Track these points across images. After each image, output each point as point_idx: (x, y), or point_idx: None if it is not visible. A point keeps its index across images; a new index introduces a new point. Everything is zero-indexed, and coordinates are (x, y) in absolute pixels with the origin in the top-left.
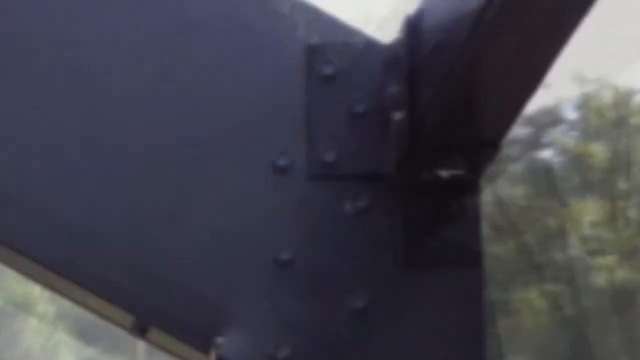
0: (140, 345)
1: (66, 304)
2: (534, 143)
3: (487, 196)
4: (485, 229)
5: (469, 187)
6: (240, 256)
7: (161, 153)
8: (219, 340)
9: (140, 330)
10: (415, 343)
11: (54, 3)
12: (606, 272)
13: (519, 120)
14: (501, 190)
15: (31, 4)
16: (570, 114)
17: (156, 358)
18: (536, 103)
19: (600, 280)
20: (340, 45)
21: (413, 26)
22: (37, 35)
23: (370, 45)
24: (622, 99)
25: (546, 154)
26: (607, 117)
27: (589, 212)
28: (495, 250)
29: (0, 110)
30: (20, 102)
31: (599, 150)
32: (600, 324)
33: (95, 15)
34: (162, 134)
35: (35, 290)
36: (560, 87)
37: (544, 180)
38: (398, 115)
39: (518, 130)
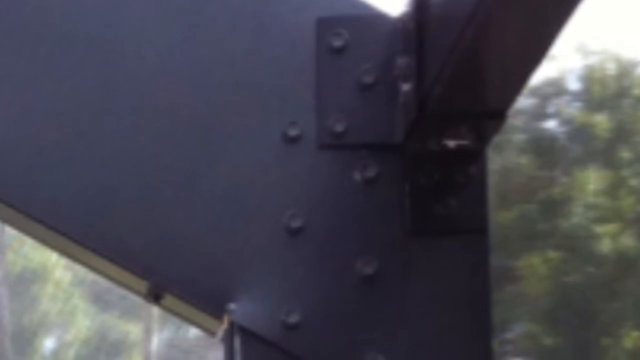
0: (155, 311)
1: (82, 271)
2: (539, 113)
3: (493, 165)
4: (491, 197)
5: (475, 156)
6: (252, 224)
7: (175, 123)
8: (232, 305)
9: (155, 296)
10: (423, 308)
11: None
12: (609, 239)
13: (524, 91)
14: (506, 159)
15: None
16: (574, 85)
17: (170, 324)
18: (541, 74)
19: (603, 247)
20: (350, 18)
21: None
22: (52, 7)
23: (379, 18)
24: (625, 71)
25: (550, 124)
26: (610, 88)
27: (592, 180)
28: (501, 217)
29: (19, 80)
30: (38, 71)
31: (601, 121)
32: (603, 289)
33: None
34: (176, 104)
35: (52, 257)
36: (565, 59)
37: (548, 150)
38: (406, 86)
39: (523, 101)
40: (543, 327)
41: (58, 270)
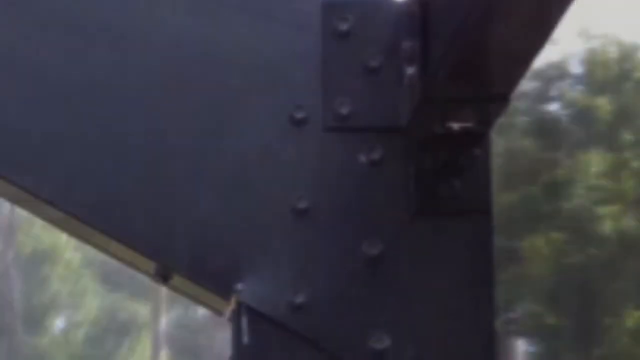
0: (163, 291)
1: (92, 252)
2: (542, 96)
3: (496, 147)
4: (495, 179)
5: (479, 138)
6: (259, 205)
7: (182, 106)
8: (239, 286)
9: (163, 276)
10: (428, 289)
11: None
12: (611, 220)
13: (527, 74)
14: (510, 141)
15: None
16: (577, 68)
17: (178, 304)
18: (544, 58)
19: (605, 228)
20: (355, 3)
21: None
22: None
23: (384, 2)
24: (627, 54)
25: (553, 107)
26: (612, 71)
27: (594, 163)
28: (504, 199)
29: (30, 63)
30: (47, 53)
31: (604, 103)
32: (605, 270)
33: None
34: (184, 87)
35: (62, 239)
36: (567, 43)
37: (551, 132)
38: (411, 70)
39: (526, 84)
40: (546, 307)
41: (68, 251)
